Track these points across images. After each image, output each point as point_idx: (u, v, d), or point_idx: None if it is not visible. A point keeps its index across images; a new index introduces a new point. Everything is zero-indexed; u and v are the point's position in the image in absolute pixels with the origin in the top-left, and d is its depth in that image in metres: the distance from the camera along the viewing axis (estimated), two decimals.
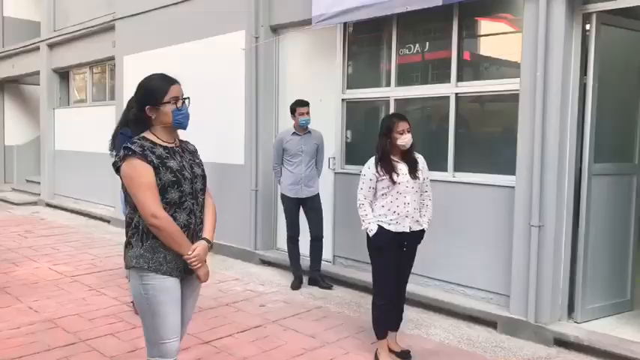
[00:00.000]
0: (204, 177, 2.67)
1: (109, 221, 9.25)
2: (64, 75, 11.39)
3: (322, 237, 5.57)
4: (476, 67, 5.17)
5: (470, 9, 4.90)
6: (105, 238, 8.02)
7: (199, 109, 7.44)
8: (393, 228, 3.71)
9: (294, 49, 6.46)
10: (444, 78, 5.12)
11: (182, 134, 2.68)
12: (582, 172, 4.27)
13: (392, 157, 3.72)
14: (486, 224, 4.71)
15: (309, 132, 5.55)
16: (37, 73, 11.62)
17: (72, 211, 10.36)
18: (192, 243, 2.52)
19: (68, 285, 5.55)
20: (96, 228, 8.89)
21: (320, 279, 5.59)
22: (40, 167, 11.70)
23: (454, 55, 4.96)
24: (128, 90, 8.65)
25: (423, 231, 3.83)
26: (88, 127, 10.35)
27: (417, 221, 3.78)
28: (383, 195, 3.73)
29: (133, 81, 8.04)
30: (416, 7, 4.79)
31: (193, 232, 2.55)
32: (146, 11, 8.27)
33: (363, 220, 3.79)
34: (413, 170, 3.74)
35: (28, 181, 13.28)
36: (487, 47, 5.18)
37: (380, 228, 3.71)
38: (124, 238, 2.69)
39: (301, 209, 5.60)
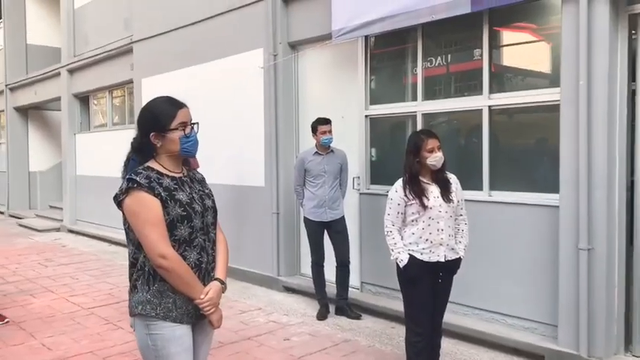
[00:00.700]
0: (215, 209, 2.39)
1: None
2: (84, 100, 11.37)
3: (349, 262, 5.23)
4: (509, 77, 4.81)
5: (500, 15, 4.58)
6: (124, 265, 7.74)
7: (218, 131, 7.24)
8: (426, 258, 3.37)
9: (314, 65, 6.20)
10: (475, 90, 4.78)
11: (203, 158, 2.40)
12: (635, 187, 3.87)
13: (421, 178, 3.39)
14: (528, 247, 4.32)
15: (332, 151, 5.25)
16: (59, 98, 11.62)
17: (93, 237, 10.22)
18: (204, 284, 2.23)
19: (84, 318, 5.31)
20: (116, 254, 8.70)
21: (347, 308, 5.24)
22: (63, 193, 11.64)
23: (485, 66, 4.62)
24: None
25: (459, 259, 3.47)
26: (108, 151, 10.24)
27: (453, 249, 3.43)
28: (413, 221, 3.39)
29: None
30: (443, 16, 4.49)
31: (205, 272, 2.26)
32: (163, 33, 8.15)
33: (392, 250, 3.45)
34: (445, 192, 3.40)
35: (51, 206, 13.27)
36: (520, 56, 4.81)
37: (411, 258, 3.37)
38: None
39: (326, 233, 5.28)
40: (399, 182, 3.45)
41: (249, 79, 6.60)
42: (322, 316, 5.20)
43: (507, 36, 4.82)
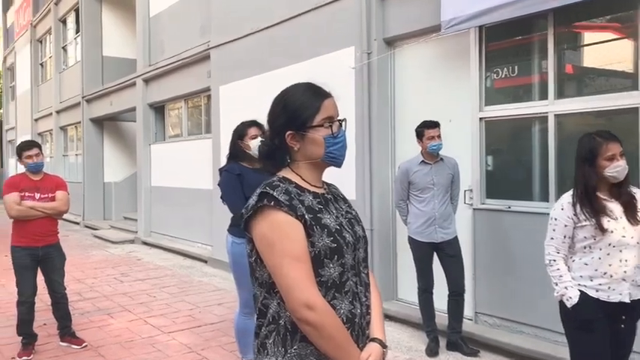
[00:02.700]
0: (366, 240, 1.74)
1: (205, 261, 8.65)
2: (159, 110, 11.18)
3: (464, 291, 4.47)
4: None
5: None
6: (202, 282, 7.35)
7: None
8: (603, 296, 2.60)
9: (414, 63, 5.51)
10: (626, 85, 3.94)
11: None
12: None
13: (598, 193, 2.62)
14: None
15: (441, 159, 4.52)
16: (134, 109, 11.52)
17: (168, 250, 9.92)
18: (358, 346, 1.59)
19: (165, 345, 4.82)
20: (192, 269, 8.30)
21: (462, 343, 4.47)
22: (137, 204, 11.49)
23: None
24: (225, 122, 8.10)
25: None
26: (183, 162, 9.95)
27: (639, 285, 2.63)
28: (586, 248, 2.63)
29: (230, 112, 7.36)
30: None
31: (359, 329, 1.61)
32: (242, 37, 7.72)
33: (556, 284, 2.70)
34: (631, 212, 2.61)
35: (125, 218, 13.22)
36: None
37: (583, 295, 2.61)
38: (222, 282, 1.77)
39: (435, 256, 4.55)
40: (566, 198, 2.70)
41: (338, 81, 5.99)
42: (433, 351, 4.46)
43: None
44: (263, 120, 3.63)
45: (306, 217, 1.54)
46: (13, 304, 6.23)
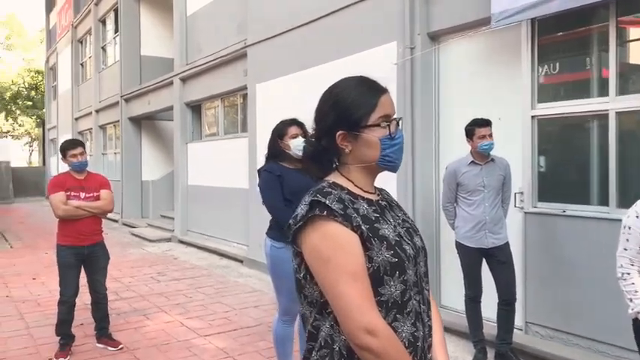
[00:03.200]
0: (426, 252, 1.55)
1: (241, 261, 8.56)
2: (196, 108, 11.17)
3: (515, 300, 4.20)
4: None
5: None
6: (238, 283, 7.25)
7: None
8: None
9: (459, 58, 5.25)
10: None
11: None
12: None
13: None
14: None
15: (492, 160, 4.25)
16: (171, 108, 11.55)
17: (204, 249, 9.89)
18: None
19: (201, 349, 4.71)
20: (229, 269, 8.22)
21: (512, 355, 4.20)
22: (174, 203, 11.52)
23: None
24: (262, 120, 7.98)
25: None
26: (219, 161, 9.90)
27: None
28: None
29: (267, 111, 7.19)
30: None
31: (421, 354, 1.42)
32: (279, 34, 7.58)
33: (631, 300, 2.44)
34: None
35: (162, 216, 13.30)
36: None
37: None
38: (258, 283, 1.60)
39: (484, 262, 4.29)
40: None
41: (379, 78, 5.78)
42: None
43: None
44: (303, 118, 3.48)
45: (363, 227, 1.36)
46: (52, 302, 6.26)
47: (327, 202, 1.35)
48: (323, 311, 1.40)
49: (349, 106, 1.44)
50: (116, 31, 15.20)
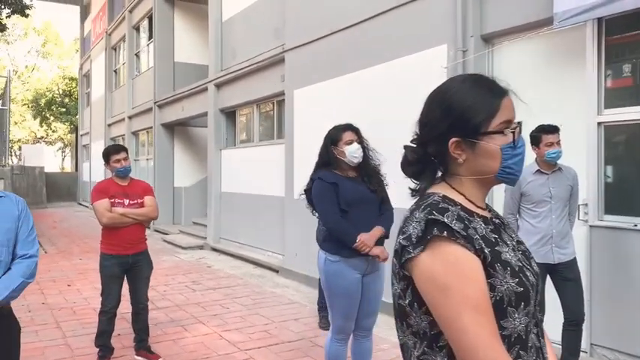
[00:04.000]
0: (540, 278, 1.34)
1: (277, 271, 8.36)
2: (230, 115, 11.07)
3: (583, 320, 3.89)
4: None
5: None
6: (275, 293, 7.05)
7: (387, 147, 5.97)
8: None
9: (516, 61, 4.97)
10: None
11: None
12: None
13: None
14: None
15: (559, 169, 3.96)
16: (205, 114, 11.48)
17: (237, 257, 9.73)
18: None
19: None
20: (264, 279, 8.03)
21: None
22: (207, 209, 11.41)
23: None
24: (299, 127, 7.80)
25: None
26: (254, 168, 9.76)
27: None
28: None
29: (305, 117, 6.93)
30: None
31: None
32: (318, 38, 7.40)
33: None
34: None
35: (194, 223, 13.23)
36: None
37: None
38: (296, 294, 1.40)
39: (548, 278, 3.99)
40: None
41: (427, 83, 5.51)
42: None
43: None
44: (356, 124, 3.26)
45: (485, 251, 1.15)
46: (88, 309, 6.16)
47: (447, 220, 1.15)
48: (434, 345, 1.19)
49: (466, 110, 1.23)
50: (150, 37, 15.28)
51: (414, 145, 1.35)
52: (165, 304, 6.49)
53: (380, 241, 3.28)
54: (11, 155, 33.43)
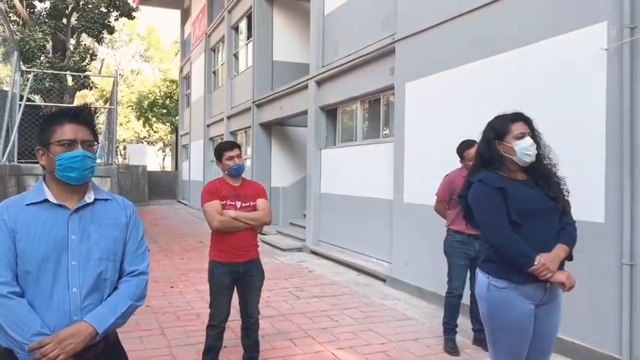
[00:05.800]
0: None
1: (384, 280, 7.73)
2: (330, 113, 10.58)
3: None
4: None
5: None
6: (385, 305, 6.42)
7: None
8: None
9: None
10: None
11: None
12: None
13: None
14: None
15: None
16: (304, 112, 11.08)
17: (338, 262, 9.20)
18: None
19: None
20: (370, 288, 7.43)
21: None
22: (306, 211, 11.00)
23: None
24: (411, 123, 7.12)
25: None
26: (357, 168, 9.18)
27: None
28: None
29: (418, 112, 6.10)
30: None
31: None
32: (436, 25, 6.67)
33: None
34: None
35: (291, 224, 12.91)
36: None
37: None
38: (409, 308, 0.77)
39: None
40: None
41: (580, 68, 4.67)
42: None
43: None
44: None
45: None
46: (192, 315, 5.86)
47: None
48: None
49: None
50: (249, 37, 15.20)
51: None
52: (270, 312, 6.07)
53: (561, 264, 2.56)
54: (117, 154, 35.38)
